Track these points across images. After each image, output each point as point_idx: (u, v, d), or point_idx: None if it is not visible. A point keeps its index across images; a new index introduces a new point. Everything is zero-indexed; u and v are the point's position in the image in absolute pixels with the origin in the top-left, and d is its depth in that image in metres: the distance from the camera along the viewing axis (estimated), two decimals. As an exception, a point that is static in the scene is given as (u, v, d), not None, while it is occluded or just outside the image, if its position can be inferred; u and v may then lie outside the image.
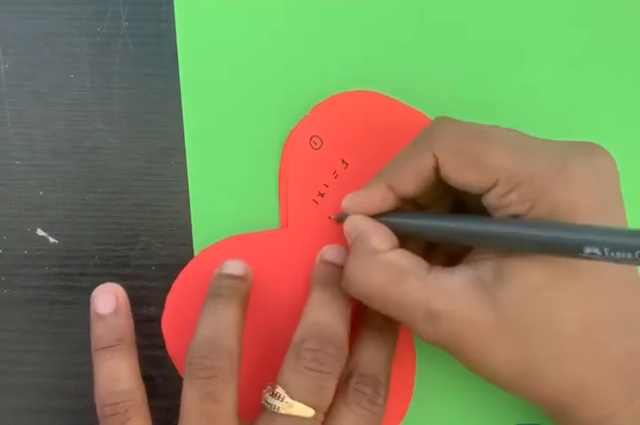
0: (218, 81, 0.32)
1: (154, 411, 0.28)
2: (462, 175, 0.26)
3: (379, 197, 0.28)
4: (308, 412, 0.26)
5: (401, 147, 0.30)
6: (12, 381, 0.31)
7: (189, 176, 0.32)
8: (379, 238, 0.27)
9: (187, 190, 0.32)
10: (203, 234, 0.31)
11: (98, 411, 0.27)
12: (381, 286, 0.27)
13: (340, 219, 0.30)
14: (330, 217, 0.31)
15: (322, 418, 0.27)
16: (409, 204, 0.29)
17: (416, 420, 0.31)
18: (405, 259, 0.27)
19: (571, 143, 0.26)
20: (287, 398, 0.26)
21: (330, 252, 0.30)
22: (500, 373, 0.26)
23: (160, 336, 0.30)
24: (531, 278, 0.25)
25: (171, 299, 0.30)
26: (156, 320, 0.30)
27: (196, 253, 0.31)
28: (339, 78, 0.32)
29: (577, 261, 0.24)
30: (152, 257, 0.32)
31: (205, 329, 0.28)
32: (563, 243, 0.23)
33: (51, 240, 0.31)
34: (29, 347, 0.31)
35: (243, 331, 0.28)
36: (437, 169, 0.27)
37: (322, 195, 0.31)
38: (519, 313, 0.25)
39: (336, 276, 0.30)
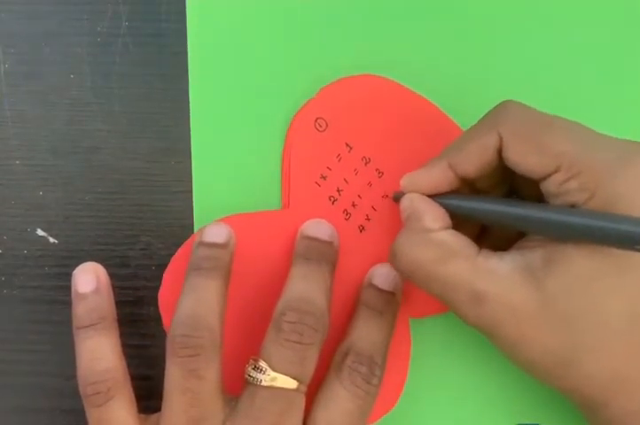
0: (225, 62, 0.32)
1: (153, 411, 0.28)
2: (524, 158, 0.26)
3: (439, 176, 0.28)
4: (291, 383, 0.27)
5: (407, 133, 0.31)
6: (12, 381, 0.31)
7: (192, 149, 0.31)
8: (432, 217, 0.27)
9: (187, 190, 0.32)
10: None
11: (81, 391, 0.27)
12: (428, 264, 0.27)
13: (397, 197, 0.29)
14: (386, 196, 0.31)
15: (305, 389, 0.27)
16: (466, 189, 0.29)
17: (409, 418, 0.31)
18: (455, 240, 0.27)
19: (634, 141, 0.26)
20: (269, 371, 0.26)
21: (310, 228, 0.30)
22: (538, 361, 0.26)
23: (160, 335, 0.30)
24: (581, 267, 0.25)
25: (168, 275, 0.30)
26: (156, 319, 0.30)
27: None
28: (347, 62, 0.32)
29: (630, 255, 0.24)
30: (152, 257, 0.32)
31: (185, 306, 0.27)
32: (619, 234, 0.24)
33: (51, 240, 0.31)
34: (29, 347, 0.31)
35: (225, 306, 0.28)
36: (500, 151, 0.27)
37: (324, 177, 0.31)
38: (565, 302, 0.25)
39: (316, 250, 0.30)
